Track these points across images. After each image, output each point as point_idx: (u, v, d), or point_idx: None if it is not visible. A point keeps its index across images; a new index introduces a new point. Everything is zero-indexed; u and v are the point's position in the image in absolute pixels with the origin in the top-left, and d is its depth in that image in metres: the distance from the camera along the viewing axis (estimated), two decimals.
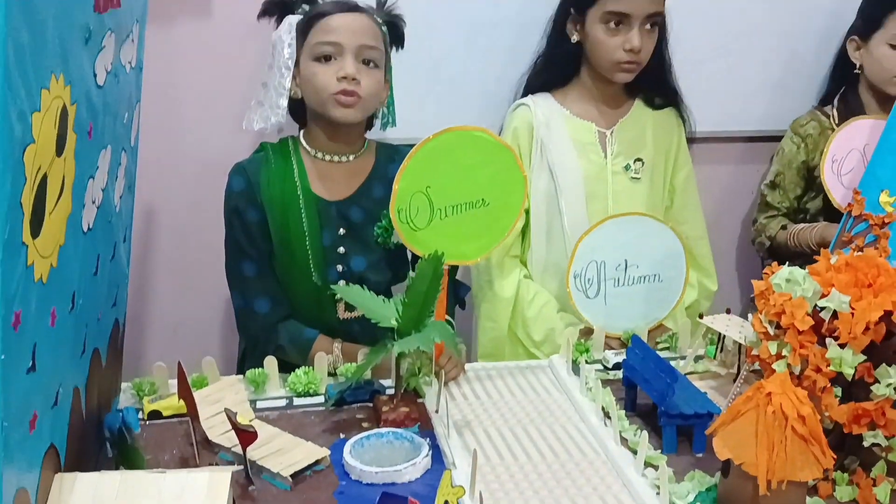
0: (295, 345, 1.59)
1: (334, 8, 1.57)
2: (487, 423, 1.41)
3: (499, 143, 1.51)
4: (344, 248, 1.61)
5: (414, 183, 1.47)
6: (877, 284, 1.19)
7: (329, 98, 1.54)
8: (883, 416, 1.16)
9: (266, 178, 1.59)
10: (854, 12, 2.08)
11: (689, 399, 1.35)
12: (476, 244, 1.54)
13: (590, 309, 1.68)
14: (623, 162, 1.88)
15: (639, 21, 1.74)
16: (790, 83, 2.22)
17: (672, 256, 1.69)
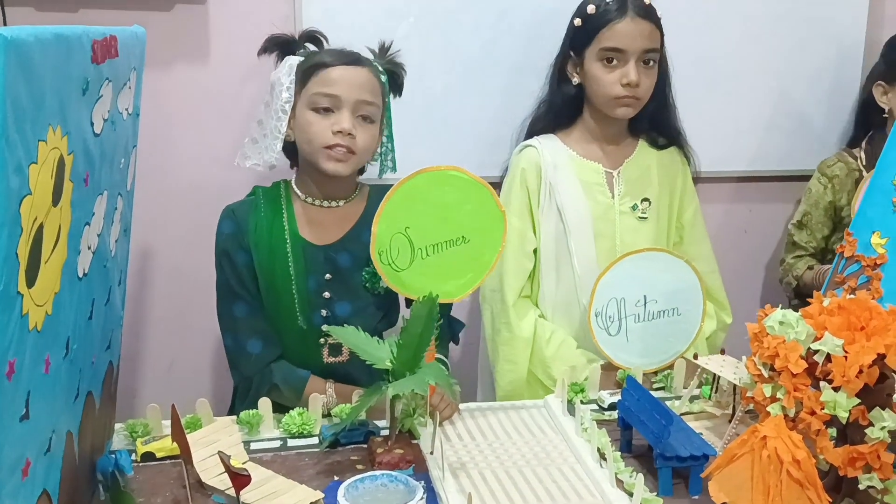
0: (288, 384, 1.58)
1: (337, 59, 1.57)
2: (483, 465, 1.41)
3: (474, 180, 1.53)
4: (329, 293, 1.62)
5: (392, 225, 1.49)
6: (869, 327, 1.20)
7: (322, 150, 1.55)
8: (878, 459, 1.16)
9: (254, 221, 1.60)
10: (842, 53, 2.12)
11: (685, 441, 1.35)
12: (459, 281, 1.56)
13: (612, 346, 1.69)
14: (630, 202, 1.90)
15: (634, 56, 1.78)
16: (781, 123, 2.25)
17: (689, 289, 1.71)
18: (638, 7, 1.78)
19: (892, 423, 1.13)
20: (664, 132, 1.95)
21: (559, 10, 2.06)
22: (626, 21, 1.77)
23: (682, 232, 1.98)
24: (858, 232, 1.59)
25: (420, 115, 2.07)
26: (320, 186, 1.63)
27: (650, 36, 1.79)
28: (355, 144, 1.55)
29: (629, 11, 1.77)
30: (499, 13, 2.06)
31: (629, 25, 1.77)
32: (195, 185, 2.02)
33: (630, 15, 1.77)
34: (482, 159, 2.09)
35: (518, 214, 1.87)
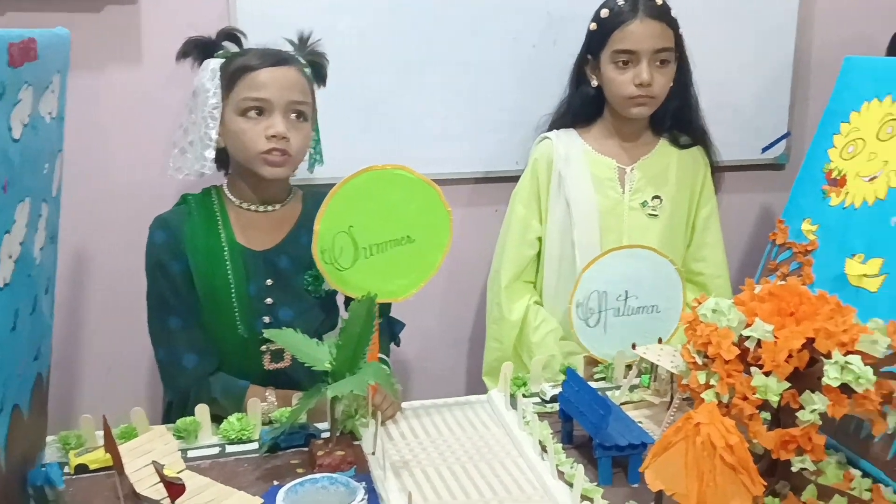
0: (228, 396, 1.55)
1: (262, 61, 1.54)
2: (425, 463, 1.40)
3: (420, 179, 1.52)
4: (271, 299, 1.60)
5: (335, 223, 1.47)
6: (799, 313, 1.22)
7: (258, 157, 1.53)
8: (809, 442, 1.18)
9: (189, 229, 1.57)
10: (774, 46, 2.15)
11: (624, 430, 1.36)
12: (404, 281, 1.54)
13: (589, 337, 1.71)
14: (640, 198, 1.95)
15: (647, 57, 1.83)
16: (718, 116, 2.28)
17: (670, 288, 1.73)
18: (649, 8, 1.83)
19: (822, 405, 1.15)
20: (687, 131, 2.00)
21: (496, 7, 2.08)
22: (636, 23, 1.82)
23: (693, 233, 2.02)
24: (790, 219, 1.63)
25: (361, 113, 2.06)
26: (255, 191, 1.61)
27: (662, 36, 1.84)
28: (290, 146, 1.53)
29: (640, 13, 1.83)
30: (439, 8, 2.05)
31: (640, 27, 1.82)
32: (129, 190, 1.99)
33: (640, 16, 1.82)
34: (426, 156, 2.10)
35: (525, 203, 1.96)
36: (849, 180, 1.52)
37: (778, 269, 1.60)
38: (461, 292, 2.27)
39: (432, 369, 2.32)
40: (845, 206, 1.51)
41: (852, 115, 1.56)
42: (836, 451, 1.40)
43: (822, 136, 1.61)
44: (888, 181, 1.44)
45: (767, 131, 2.31)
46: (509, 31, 2.10)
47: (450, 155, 2.15)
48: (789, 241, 1.60)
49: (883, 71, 1.53)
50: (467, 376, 2.34)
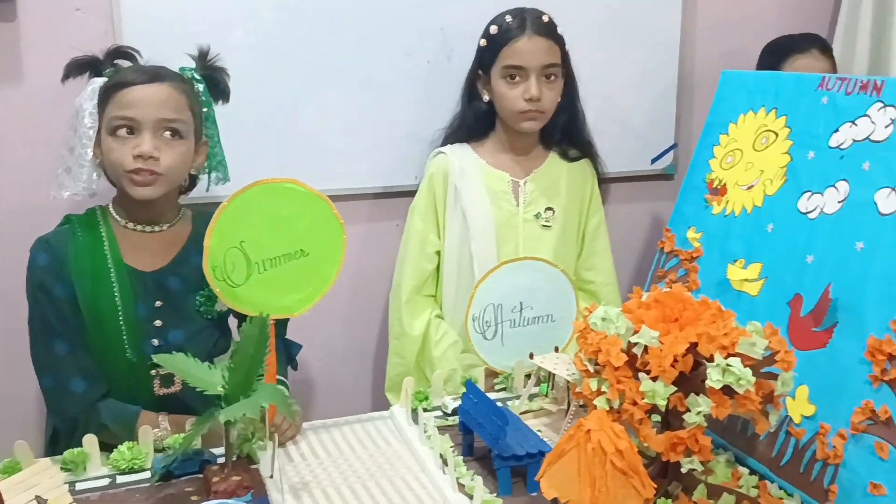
0: (118, 422, 1.50)
1: (135, 78, 1.50)
2: (326, 483, 1.39)
3: (312, 193, 1.51)
4: (161, 321, 1.56)
5: (226, 239, 1.45)
6: (682, 318, 1.27)
7: (124, 175, 1.49)
8: (696, 443, 1.22)
9: (73, 251, 1.51)
10: (659, 60, 2.23)
11: (522, 440, 1.38)
12: (299, 295, 1.53)
13: (487, 350, 1.72)
14: (534, 210, 2.00)
15: (535, 72, 1.88)
16: (606, 128, 2.34)
17: (564, 298, 1.76)
18: (536, 25, 1.88)
19: (707, 407, 1.20)
20: (575, 143, 2.05)
21: (389, 23, 2.09)
22: (524, 39, 1.87)
23: (583, 243, 2.08)
24: (676, 228, 1.68)
25: (256, 130, 2.03)
26: (137, 211, 1.56)
27: (549, 52, 1.89)
28: (159, 165, 1.48)
29: (527, 30, 1.88)
30: (330, 26, 2.05)
31: (528, 43, 1.87)
32: (11, 211, 1.90)
33: (528, 33, 1.87)
34: (323, 171, 2.09)
35: (422, 217, 1.99)
36: (729, 189, 1.59)
37: (666, 276, 1.66)
38: (364, 308, 2.27)
39: (337, 386, 2.30)
40: (726, 213, 1.57)
41: (730, 126, 1.63)
42: (725, 451, 1.45)
43: (703, 147, 1.68)
44: (764, 189, 1.51)
45: (656, 142, 2.39)
46: (404, 46, 2.11)
47: (349, 170, 2.14)
48: (676, 248, 1.66)
49: (756, 84, 1.60)
50: (372, 392, 2.33)
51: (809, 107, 1.48)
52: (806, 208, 1.42)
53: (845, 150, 1.38)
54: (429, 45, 2.13)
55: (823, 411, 1.30)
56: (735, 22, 2.36)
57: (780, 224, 1.46)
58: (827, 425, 1.28)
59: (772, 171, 1.51)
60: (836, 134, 1.41)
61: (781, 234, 1.45)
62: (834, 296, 1.33)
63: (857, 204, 1.34)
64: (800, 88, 1.51)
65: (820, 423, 1.29)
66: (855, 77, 1.41)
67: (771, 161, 1.52)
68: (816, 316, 1.35)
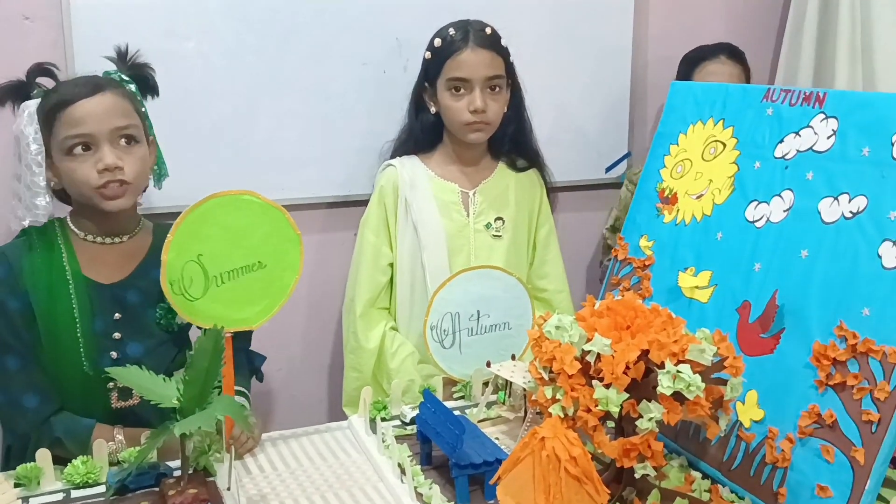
0: (72, 436, 1.48)
1: (74, 93, 1.46)
2: (284, 495, 1.39)
3: (268, 204, 1.51)
4: (119, 334, 1.54)
5: (183, 253, 1.44)
6: (634, 326, 1.29)
7: (94, 192, 1.47)
8: (649, 448, 1.24)
9: (29, 263, 1.49)
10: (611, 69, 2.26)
11: (479, 448, 1.39)
12: (257, 307, 1.53)
13: (446, 359, 1.72)
14: (484, 220, 2.02)
15: (479, 84, 1.90)
16: (560, 137, 2.37)
17: (520, 305, 1.77)
18: (479, 38, 1.90)
19: (658, 413, 1.22)
20: (523, 153, 2.07)
21: (344, 32, 2.10)
22: (467, 52, 1.89)
23: (534, 251, 2.10)
24: (629, 236, 1.71)
25: (209, 139, 2.03)
26: (99, 224, 1.54)
27: (492, 64, 1.91)
28: (125, 174, 1.47)
29: (470, 42, 1.89)
30: (284, 34, 2.05)
31: (471, 56, 1.89)
32: None
33: (471, 46, 1.89)
34: (277, 181, 2.09)
35: (374, 230, 2.00)
36: (679, 198, 1.62)
37: (620, 284, 1.68)
38: (321, 318, 2.27)
39: (294, 397, 2.30)
40: (676, 222, 1.61)
41: (680, 136, 1.67)
42: (678, 456, 1.48)
43: (654, 156, 1.71)
44: (713, 198, 1.55)
45: (610, 152, 2.43)
46: (359, 56, 2.12)
47: (303, 180, 2.15)
48: (629, 256, 1.68)
49: (704, 95, 1.63)
50: (329, 403, 2.32)
51: (755, 118, 1.51)
52: (753, 217, 1.46)
53: (790, 160, 1.42)
54: (385, 55, 2.14)
55: (772, 415, 1.33)
56: (686, 31, 2.41)
57: (729, 232, 1.50)
58: (775, 429, 1.31)
59: (720, 181, 1.55)
60: (780, 144, 1.45)
61: (730, 243, 1.49)
62: (780, 302, 1.36)
63: (801, 213, 1.37)
64: (746, 100, 1.55)
65: (769, 427, 1.32)
66: (798, 89, 1.45)
67: (719, 171, 1.56)
68: (764, 322, 1.38)
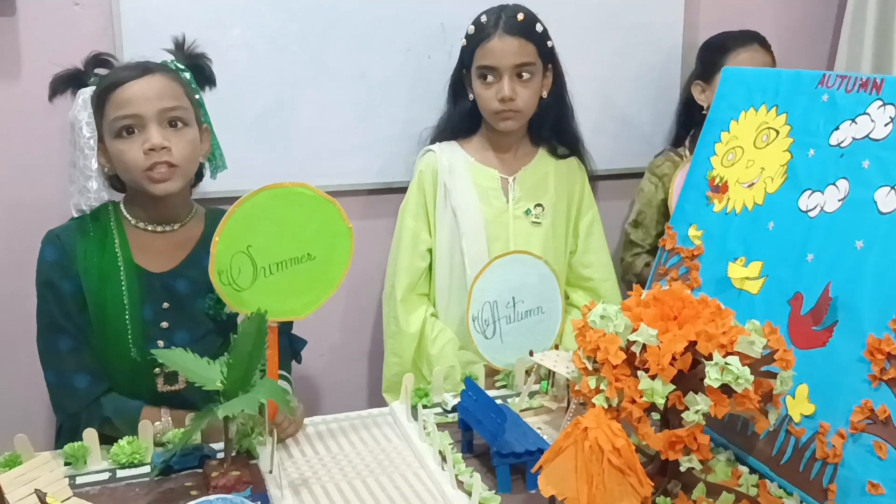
0: (121, 416, 1.49)
1: (125, 75, 1.48)
2: (325, 479, 1.39)
3: (320, 196, 1.50)
4: (167, 323, 1.55)
5: (233, 244, 1.43)
6: (681, 317, 1.26)
7: (142, 175, 1.48)
8: (695, 441, 1.22)
9: (83, 247, 1.50)
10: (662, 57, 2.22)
11: (521, 437, 1.38)
12: (304, 298, 1.52)
13: (489, 349, 1.72)
14: (524, 207, 2.00)
15: (507, 72, 1.87)
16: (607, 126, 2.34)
17: (549, 289, 1.76)
18: (508, 25, 1.87)
19: (705, 406, 1.20)
20: (563, 139, 2.05)
21: (389, 18, 2.09)
22: (495, 40, 1.87)
23: (578, 240, 2.07)
24: (677, 225, 1.68)
25: (253, 128, 2.04)
26: (151, 210, 1.55)
27: (521, 51, 1.88)
28: (172, 156, 1.47)
29: (499, 30, 1.87)
30: (328, 22, 2.05)
31: (498, 44, 1.87)
32: (9, 208, 1.91)
33: (499, 33, 1.87)
34: (319, 169, 2.09)
35: (413, 215, 1.99)
36: (730, 187, 1.58)
37: (668, 274, 1.65)
38: (360, 305, 2.26)
39: (337, 384, 2.30)
40: (727, 211, 1.57)
41: (731, 123, 1.63)
42: (725, 450, 1.45)
43: (705, 144, 1.67)
44: (765, 187, 1.51)
45: (659, 140, 2.38)
46: (404, 42, 2.11)
47: (344, 168, 2.14)
48: (677, 246, 1.65)
49: (756, 81, 1.59)
50: (368, 391, 2.33)
51: (809, 104, 1.47)
52: (806, 206, 1.42)
53: (845, 148, 1.38)
54: (429, 41, 2.13)
55: (823, 410, 1.30)
56: (738, 18, 2.35)
57: (781, 222, 1.46)
58: (826, 424, 1.28)
59: (772, 169, 1.51)
60: (835, 132, 1.41)
61: (782, 233, 1.45)
62: (834, 294, 1.32)
63: (856, 202, 1.33)
64: (799, 86, 1.50)
65: (819, 423, 1.29)
66: (855, 75, 1.40)
67: (772, 159, 1.52)
68: (816, 315, 1.34)
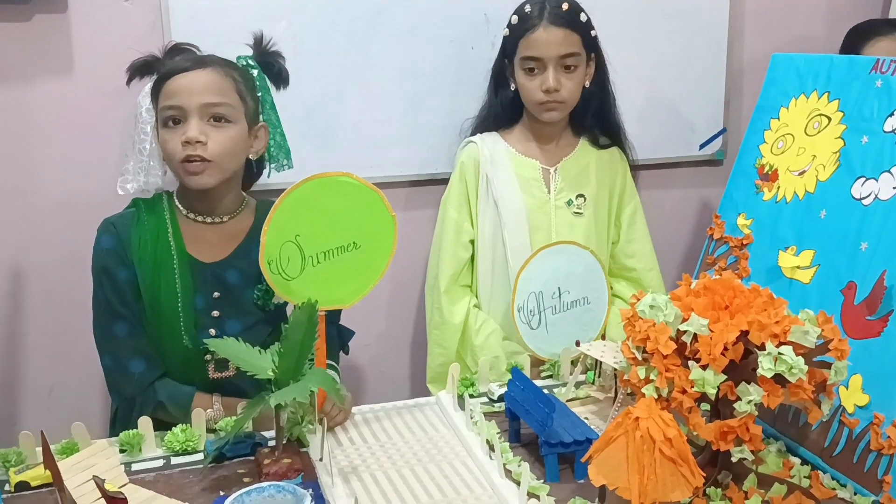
0: (174, 401, 1.52)
1: (179, 66, 1.52)
2: (374, 467, 1.40)
3: (365, 186, 1.52)
4: (218, 312, 1.57)
5: (282, 234, 1.45)
6: (733, 306, 1.25)
7: (178, 166, 1.50)
8: (747, 432, 1.21)
9: (137, 236, 1.53)
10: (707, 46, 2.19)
11: (569, 427, 1.38)
12: (351, 287, 1.54)
13: (535, 339, 1.72)
14: (566, 197, 1.98)
15: (552, 63, 1.86)
16: (653, 114, 2.32)
17: (595, 279, 1.76)
18: (553, 15, 1.85)
19: (758, 396, 1.18)
20: (605, 129, 2.03)
21: (432, 10, 2.09)
22: (540, 30, 1.85)
23: (620, 230, 2.06)
24: (725, 214, 1.66)
25: (299, 119, 2.05)
26: (198, 202, 1.58)
27: (565, 42, 1.86)
28: (207, 151, 1.48)
29: (544, 20, 1.85)
30: (373, 14, 2.06)
31: (543, 34, 1.85)
32: (64, 202, 1.95)
33: (544, 24, 1.85)
34: (365, 160, 2.10)
35: (456, 206, 1.99)
36: (780, 175, 1.56)
37: (716, 264, 1.64)
38: (404, 295, 2.27)
39: (384, 373, 2.32)
40: (777, 200, 1.55)
41: (781, 110, 1.60)
42: (777, 440, 1.44)
43: (754, 131, 1.65)
44: (817, 175, 1.49)
45: (705, 128, 2.36)
46: (448, 34, 2.11)
47: (389, 159, 2.15)
48: (726, 235, 1.63)
49: (807, 67, 1.57)
50: (411, 381, 2.33)
51: (863, 90, 1.44)
52: (860, 194, 1.40)
53: None
54: (472, 32, 2.12)
55: (877, 401, 1.28)
56: (784, 4, 2.31)
57: (833, 210, 1.43)
58: (881, 415, 1.26)
59: (824, 157, 1.48)
60: (890, 118, 1.38)
61: (834, 221, 1.43)
62: (889, 283, 1.30)
63: None
64: (853, 71, 1.48)
65: (874, 413, 1.27)
66: None
67: (823, 146, 1.49)
68: (871, 304, 1.32)
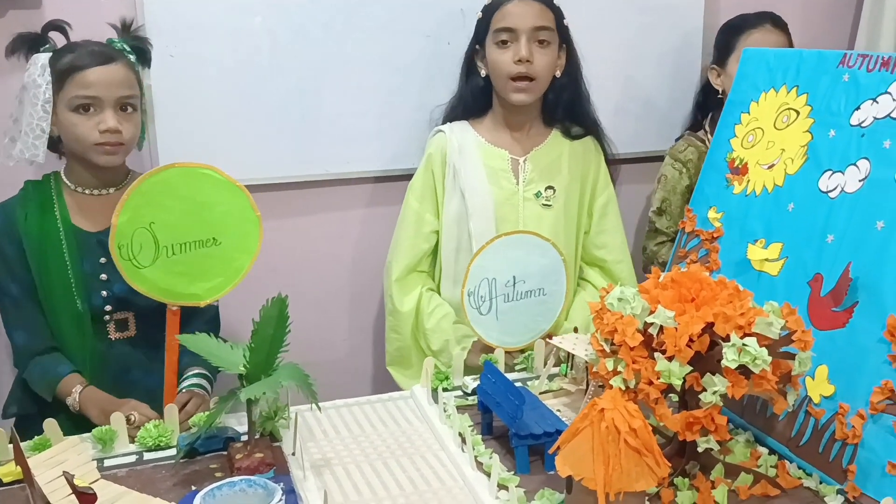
0: (43, 378, 1.62)
1: (90, 60, 1.61)
2: (347, 461, 1.41)
3: (229, 182, 1.52)
4: (106, 276, 1.66)
5: (136, 218, 1.49)
6: (699, 298, 1.26)
7: (92, 147, 1.61)
8: (712, 422, 1.22)
9: (23, 213, 1.65)
10: (682, 39, 2.21)
11: (539, 419, 1.39)
12: (208, 284, 1.55)
13: (483, 325, 1.72)
14: (534, 189, 1.97)
15: (525, 35, 1.86)
16: (628, 107, 2.33)
17: (555, 271, 1.75)
18: None
19: (723, 387, 1.20)
20: (579, 122, 2.02)
21: (409, 5, 2.09)
22: (514, 2, 1.86)
23: (592, 220, 2.05)
24: (697, 208, 1.67)
25: (275, 113, 2.05)
26: (93, 176, 1.68)
27: (540, 14, 1.88)
28: (122, 137, 1.62)
29: None
30: (349, 8, 2.06)
31: (518, 6, 1.87)
32: None
33: None
34: (343, 155, 2.10)
35: (418, 197, 1.98)
36: (750, 168, 1.57)
37: (687, 257, 1.65)
38: (379, 290, 2.26)
39: (358, 368, 2.32)
40: (747, 193, 1.56)
41: (752, 105, 1.62)
42: (745, 431, 1.45)
43: (725, 126, 1.66)
44: (785, 168, 1.50)
45: (681, 121, 2.37)
46: (423, 29, 2.11)
47: (364, 153, 2.14)
48: (697, 228, 1.65)
49: (777, 62, 1.58)
50: (386, 374, 2.34)
51: (830, 84, 1.46)
52: (827, 187, 1.41)
53: (866, 127, 1.37)
54: (449, 27, 2.12)
55: (843, 391, 1.30)
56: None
57: (801, 203, 1.45)
58: (846, 405, 1.28)
59: (793, 150, 1.50)
60: (857, 112, 1.40)
61: (802, 214, 1.44)
62: (854, 275, 1.32)
63: (877, 182, 1.32)
64: (821, 66, 1.49)
65: (839, 403, 1.29)
66: (876, 54, 1.39)
67: (792, 140, 1.51)
68: (836, 296, 1.34)
